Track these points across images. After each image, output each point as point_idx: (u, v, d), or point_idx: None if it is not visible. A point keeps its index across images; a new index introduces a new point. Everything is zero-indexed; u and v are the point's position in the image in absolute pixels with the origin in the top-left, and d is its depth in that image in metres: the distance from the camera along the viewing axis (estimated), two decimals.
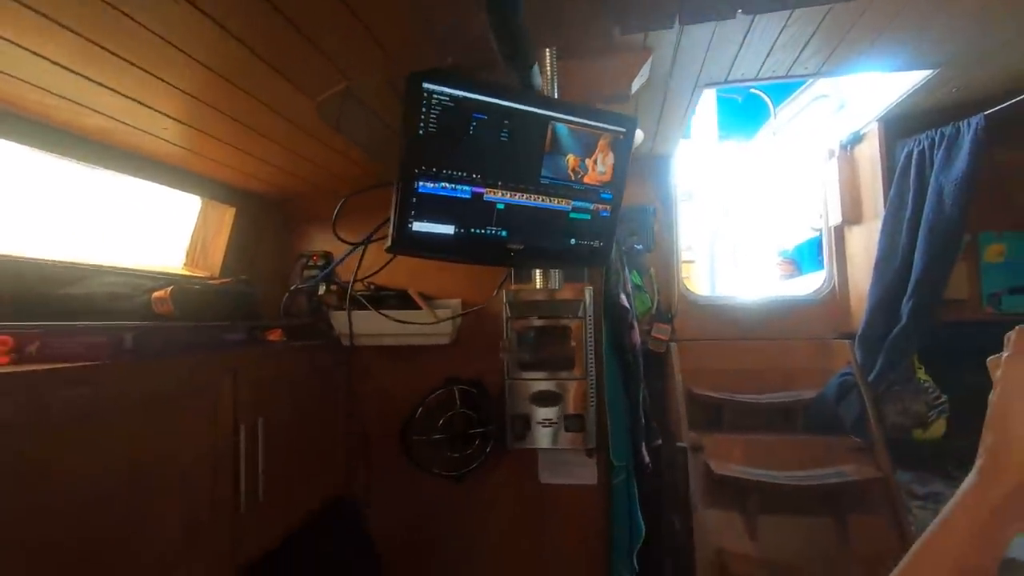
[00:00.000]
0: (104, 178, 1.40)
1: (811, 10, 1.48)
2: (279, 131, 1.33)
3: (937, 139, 2.14)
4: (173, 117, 1.19)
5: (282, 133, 1.34)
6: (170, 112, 1.16)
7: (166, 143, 1.31)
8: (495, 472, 1.76)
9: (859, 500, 2.13)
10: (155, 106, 1.13)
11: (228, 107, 1.19)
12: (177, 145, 1.33)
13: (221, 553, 1.20)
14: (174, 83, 1.05)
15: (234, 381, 1.25)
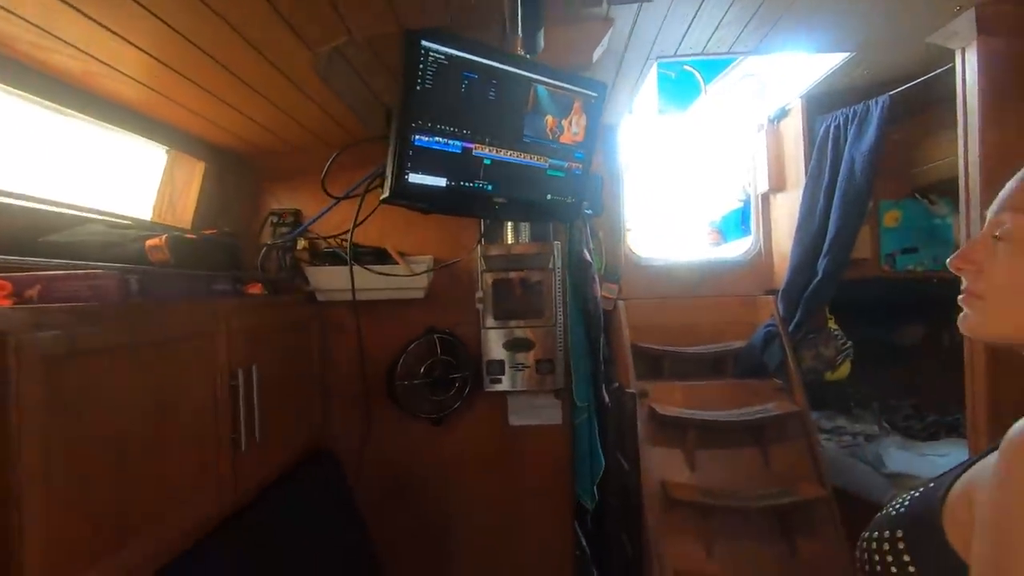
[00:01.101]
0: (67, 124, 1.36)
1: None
2: (261, 78, 1.30)
3: (850, 115, 2.42)
4: (143, 48, 1.11)
5: (264, 80, 1.31)
6: (140, 43, 1.08)
7: (133, 82, 1.24)
8: (468, 416, 1.89)
9: (779, 432, 2.44)
10: (125, 35, 1.05)
11: (207, 43, 1.12)
12: (145, 85, 1.27)
13: (225, 489, 1.25)
14: (145, 3, 0.97)
15: (228, 329, 1.29)
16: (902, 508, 0.62)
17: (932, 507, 0.57)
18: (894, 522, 0.61)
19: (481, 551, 1.91)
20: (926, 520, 0.57)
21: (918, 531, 0.58)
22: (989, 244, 0.61)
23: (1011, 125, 1.78)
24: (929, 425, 2.83)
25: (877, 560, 0.60)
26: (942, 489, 0.58)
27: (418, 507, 1.91)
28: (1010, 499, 0.47)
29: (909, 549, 0.58)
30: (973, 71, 1.83)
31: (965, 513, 0.54)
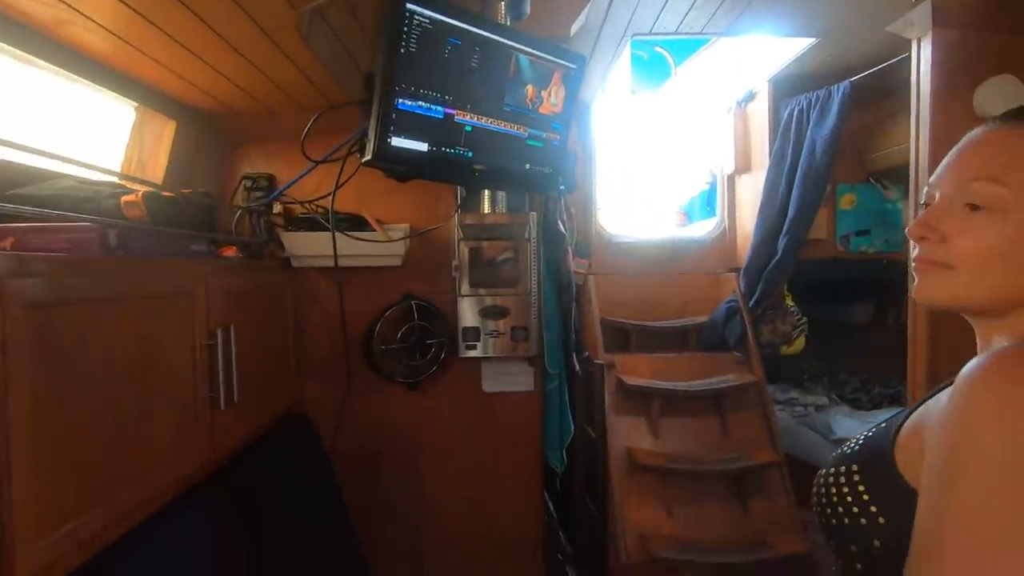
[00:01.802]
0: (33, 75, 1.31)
1: None
2: (241, 34, 1.27)
3: (813, 100, 2.52)
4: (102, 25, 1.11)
5: (243, 36, 1.27)
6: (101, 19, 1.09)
7: (106, 33, 1.19)
8: (443, 382, 1.93)
9: (737, 402, 2.57)
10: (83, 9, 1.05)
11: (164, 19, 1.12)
12: (117, 36, 1.22)
13: (203, 447, 1.27)
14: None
15: (207, 288, 1.29)
16: (856, 446, 0.66)
17: (885, 441, 0.62)
18: (849, 458, 0.65)
19: (454, 514, 1.97)
20: (879, 453, 0.61)
21: (872, 464, 0.62)
22: (957, 214, 0.60)
23: (959, 114, 1.90)
24: (874, 397, 3.02)
25: (834, 492, 0.64)
26: (895, 426, 0.62)
27: (392, 471, 1.95)
28: (959, 432, 0.49)
29: (864, 480, 0.61)
30: (927, 61, 1.94)
31: (914, 443, 0.58)
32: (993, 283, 0.59)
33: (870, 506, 0.60)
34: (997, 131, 0.61)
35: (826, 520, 0.65)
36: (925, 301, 0.65)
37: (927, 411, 0.59)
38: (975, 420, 0.49)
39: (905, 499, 0.56)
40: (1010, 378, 0.49)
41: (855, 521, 0.60)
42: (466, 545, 1.98)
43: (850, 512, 0.61)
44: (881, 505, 0.59)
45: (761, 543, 2.23)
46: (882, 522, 0.58)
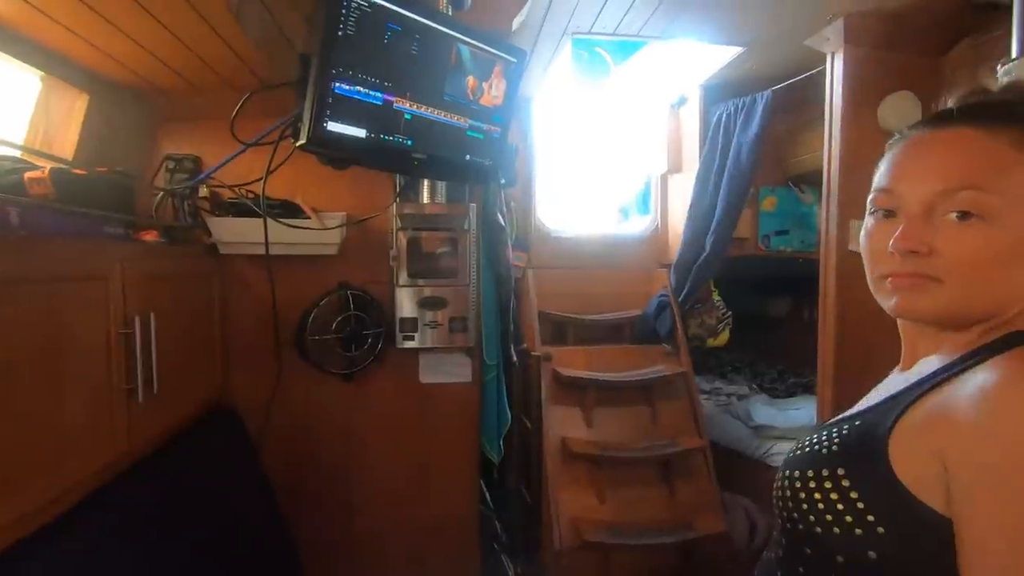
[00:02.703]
0: None
1: None
2: (175, 14, 1.21)
3: (739, 106, 2.67)
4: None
5: (166, 7, 1.20)
6: None
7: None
8: (380, 373, 1.91)
9: (666, 391, 2.69)
10: None
11: None
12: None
13: (119, 440, 1.19)
14: None
15: (123, 272, 1.21)
16: (833, 446, 0.61)
17: (876, 442, 0.57)
18: (830, 459, 0.60)
19: (389, 504, 1.95)
20: (871, 455, 0.57)
21: (863, 466, 0.57)
22: (942, 224, 0.58)
23: (867, 126, 2.07)
24: (789, 386, 3.25)
25: (818, 499, 0.58)
26: (885, 425, 0.57)
27: (326, 462, 1.91)
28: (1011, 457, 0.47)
29: (855, 485, 0.57)
30: (839, 75, 2.09)
31: (919, 453, 0.54)
32: (984, 293, 0.58)
33: (866, 515, 0.55)
34: (963, 133, 0.59)
35: (806, 527, 0.59)
36: (912, 315, 0.62)
37: (935, 416, 0.55)
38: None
39: (908, 510, 0.53)
40: None
41: (848, 531, 0.56)
42: (401, 535, 1.97)
43: (842, 521, 0.56)
44: (879, 515, 0.54)
45: (686, 524, 2.36)
46: (881, 532, 0.54)
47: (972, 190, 0.57)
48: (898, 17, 1.98)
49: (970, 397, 0.52)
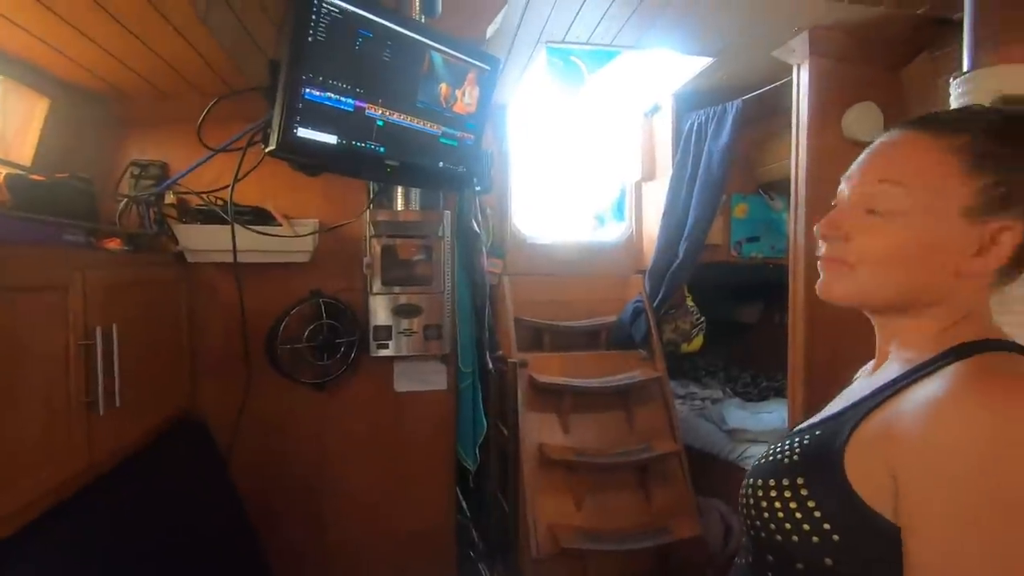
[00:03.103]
0: None
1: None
2: (127, 6, 1.19)
3: (711, 115, 2.72)
4: None
5: (131, 10, 1.18)
6: None
7: None
8: (354, 382, 1.88)
9: (642, 396, 2.72)
10: None
11: None
12: None
13: (79, 455, 1.15)
14: None
15: (84, 282, 1.17)
16: (795, 456, 0.62)
17: (832, 452, 0.58)
18: (791, 468, 0.61)
19: (363, 516, 1.92)
20: (827, 464, 0.58)
21: (820, 475, 0.58)
22: (859, 215, 0.62)
23: (832, 134, 2.13)
24: (762, 389, 3.30)
25: (778, 507, 0.60)
26: (842, 436, 0.59)
27: (298, 474, 1.87)
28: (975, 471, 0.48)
29: (813, 494, 0.58)
30: (805, 85, 2.15)
31: (873, 460, 0.55)
32: (891, 281, 0.61)
33: (823, 523, 0.56)
34: (908, 137, 0.62)
35: (768, 535, 0.60)
36: (828, 298, 0.65)
37: (887, 427, 0.56)
38: (984, 461, 0.48)
39: (861, 519, 0.54)
40: (1010, 415, 0.49)
41: (806, 539, 0.57)
42: (378, 545, 1.94)
43: (800, 529, 0.57)
44: (834, 523, 0.56)
45: (662, 529, 2.37)
46: (836, 540, 0.55)
47: (886, 183, 0.60)
48: (860, 30, 2.05)
49: (915, 411, 0.54)
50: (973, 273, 0.59)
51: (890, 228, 0.60)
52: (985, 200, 0.58)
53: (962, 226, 0.58)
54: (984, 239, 0.58)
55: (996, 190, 0.58)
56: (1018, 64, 0.90)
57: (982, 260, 0.58)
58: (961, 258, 0.59)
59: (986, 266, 0.59)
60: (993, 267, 0.59)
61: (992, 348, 0.58)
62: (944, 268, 0.59)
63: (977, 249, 0.58)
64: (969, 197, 0.58)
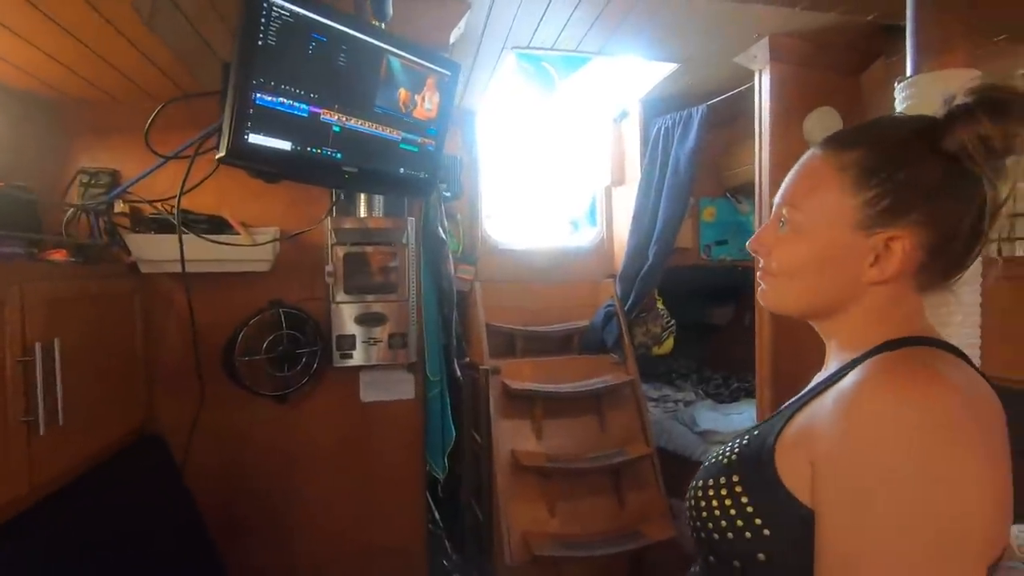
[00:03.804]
0: None
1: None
2: (66, 9, 1.15)
3: (677, 120, 2.75)
4: None
5: (70, 13, 1.15)
6: None
7: None
8: (319, 393, 1.84)
9: (614, 400, 2.72)
10: None
11: None
12: None
13: (19, 479, 1.10)
14: None
15: (22, 296, 1.12)
16: (732, 456, 0.65)
17: (765, 449, 0.60)
18: (728, 468, 0.64)
19: (332, 528, 1.87)
20: (760, 462, 0.60)
21: (754, 473, 0.61)
22: (775, 231, 0.68)
23: (794, 138, 2.17)
24: (733, 391, 3.34)
25: (716, 505, 0.62)
26: (774, 432, 0.61)
27: (261, 489, 1.82)
28: (862, 454, 0.51)
29: (747, 491, 0.60)
30: (767, 91, 2.19)
31: (799, 454, 0.57)
32: (804, 291, 0.66)
33: (754, 518, 0.58)
34: (812, 158, 0.67)
35: (707, 534, 0.62)
36: (765, 307, 0.72)
37: (810, 420, 0.59)
38: (878, 441, 0.50)
39: (789, 510, 0.56)
40: (905, 398, 0.51)
41: (739, 535, 0.59)
42: (346, 559, 1.89)
43: (734, 526, 0.59)
44: (765, 517, 0.58)
45: (635, 532, 2.37)
46: (767, 534, 0.57)
47: (788, 206, 0.66)
48: (817, 36, 2.09)
49: (830, 403, 0.57)
50: (874, 281, 0.62)
51: (797, 243, 0.65)
52: (871, 213, 0.61)
53: (856, 238, 0.62)
54: (878, 249, 0.61)
55: (880, 202, 0.61)
56: (959, 68, 0.92)
57: (878, 269, 0.61)
58: (860, 268, 0.62)
59: (883, 274, 0.61)
60: (889, 274, 0.61)
61: (913, 343, 0.60)
62: (847, 277, 0.63)
63: (873, 259, 0.61)
64: (857, 211, 0.61)
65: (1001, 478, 0.51)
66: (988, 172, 0.60)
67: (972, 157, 0.59)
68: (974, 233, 0.62)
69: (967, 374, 0.57)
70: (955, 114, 0.61)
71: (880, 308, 0.63)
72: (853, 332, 0.65)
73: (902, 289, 0.63)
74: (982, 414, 0.53)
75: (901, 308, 0.63)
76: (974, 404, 0.53)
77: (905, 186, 0.60)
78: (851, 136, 0.66)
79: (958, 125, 0.60)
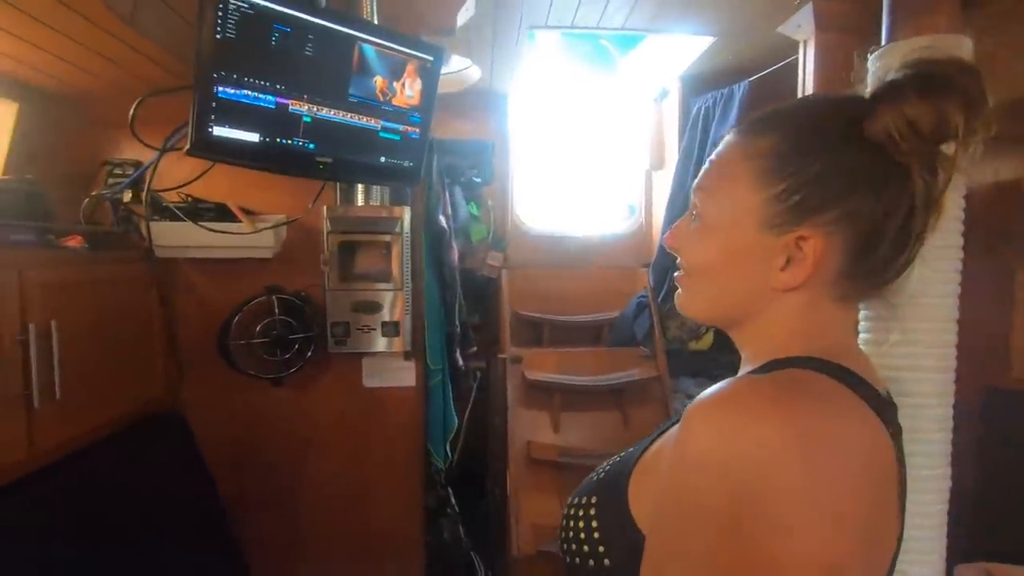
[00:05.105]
0: None
1: None
2: (69, 23, 1.24)
3: (718, 98, 2.54)
4: None
5: (74, 26, 1.25)
6: None
7: None
8: (321, 377, 1.90)
9: (639, 396, 2.61)
10: None
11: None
12: None
13: (14, 446, 1.21)
14: None
15: (20, 279, 1.23)
16: (602, 474, 0.61)
17: (623, 473, 0.57)
18: (592, 488, 0.60)
19: (332, 506, 1.95)
20: (616, 487, 0.57)
21: (608, 498, 0.57)
22: (688, 225, 0.60)
23: None
24: None
25: (571, 526, 0.59)
26: (635, 456, 0.58)
27: (267, 465, 1.92)
28: (682, 473, 0.46)
29: (598, 515, 0.57)
30: (811, 63, 1.96)
31: (646, 481, 0.55)
32: (708, 294, 0.58)
33: (599, 545, 0.55)
34: (726, 143, 0.59)
35: (564, 555, 0.59)
36: (680, 312, 0.62)
37: (662, 446, 0.56)
38: (696, 472, 0.45)
39: (630, 541, 0.52)
40: (730, 429, 0.44)
41: (584, 560, 0.56)
42: (347, 537, 1.96)
43: (581, 550, 0.56)
44: (608, 544, 0.55)
45: None
46: (607, 564, 0.54)
47: (698, 196, 0.58)
48: (865, 1, 1.84)
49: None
50: (785, 287, 0.53)
51: (703, 238, 0.57)
52: (779, 209, 0.52)
53: (764, 238, 0.53)
54: (789, 251, 0.52)
55: (789, 198, 0.51)
56: (941, 34, 0.75)
57: (789, 274, 0.52)
58: (770, 271, 0.53)
59: (794, 279, 0.52)
60: (800, 280, 0.52)
61: (800, 364, 0.50)
62: (756, 281, 0.54)
63: (785, 262, 0.52)
64: (763, 207, 0.52)
65: (839, 535, 0.42)
66: (916, 162, 0.49)
67: (896, 144, 0.49)
68: (904, 234, 0.51)
69: (838, 410, 0.47)
70: (882, 93, 0.51)
71: (789, 319, 0.55)
72: (759, 345, 0.56)
73: (817, 298, 0.54)
74: (828, 457, 0.43)
75: (812, 320, 0.54)
76: (821, 443, 0.43)
77: (819, 179, 0.51)
78: (767, 120, 0.57)
79: (883, 106, 0.49)
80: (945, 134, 0.48)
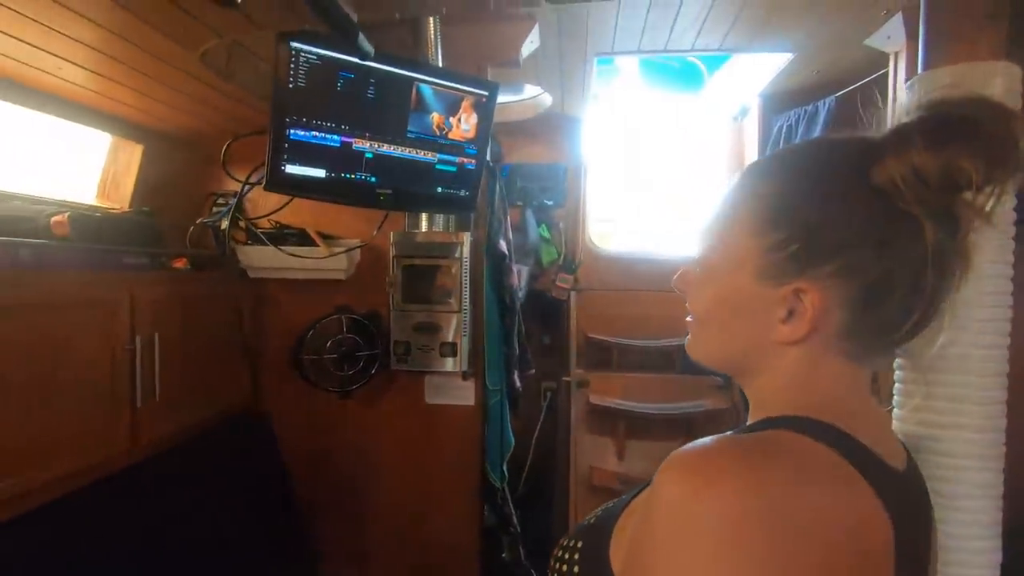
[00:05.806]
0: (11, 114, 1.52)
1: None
2: (180, 81, 1.47)
3: (801, 116, 2.40)
4: (78, 64, 1.32)
5: (184, 82, 1.48)
6: (75, 59, 1.29)
7: (72, 84, 1.43)
8: (386, 392, 2.01)
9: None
10: (59, 53, 1.26)
11: (128, 58, 1.32)
12: (84, 87, 1.46)
13: (121, 439, 1.42)
14: (74, 36, 1.19)
15: (131, 297, 1.44)
16: (593, 519, 0.61)
17: (611, 518, 0.57)
18: (581, 531, 0.60)
19: (396, 516, 2.04)
20: (601, 532, 0.56)
21: (592, 542, 0.56)
22: (694, 268, 0.59)
23: None
24: None
25: (557, 567, 0.58)
26: (624, 502, 0.57)
27: (338, 473, 2.06)
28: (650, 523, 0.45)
29: (580, 560, 0.56)
30: (903, 75, 1.81)
31: (625, 530, 0.54)
32: (712, 343, 0.58)
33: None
34: (732, 182, 0.57)
35: None
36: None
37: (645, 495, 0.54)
38: (663, 530, 0.44)
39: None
40: (695, 491, 0.42)
41: None
42: (409, 548, 2.05)
43: None
44: None
45: None
46: None
47: (701, 238, 0.58)
48: None
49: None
50: (786, 340, 0.51)
51: (703, 285, 0.57)
52: (776, 259, 0.50)
53: (762, 288, 0.51)
54: (790, 303, 0.50)
55: (787, 248, 0.50)
56: (982, 62, 0.65)
57: (791, 327, 0.51)
58: (771, 323, 0.52)
59: (795, 333, 0.51)
60: (802, 334, 0.50)
61: (790, 425, 0.48)
62: (757, 332, 0.53)
63: (786, 314, 0.51)
64: (761, 256, 0.51)
65: None
66: (924, 213, 0.46)
67: (902, 194, 0.46)
68: (915, 291, 0.48)
69: (816, 478, 0.45)
70: (888, 139, 0.48)
71: (791, 373, 0.53)
72: (762, 398, 0.55)
73: (822, 353, 0.51)
74: (791, 530, 0.41)
75: (815, 377, 0.52)
76: (787, 515, 0.41)
77: (817, 230, 0.49)
78: (774, 162, 0.56)
79: (888, 153, 0.47)
80: (957, 183, 0.45)
